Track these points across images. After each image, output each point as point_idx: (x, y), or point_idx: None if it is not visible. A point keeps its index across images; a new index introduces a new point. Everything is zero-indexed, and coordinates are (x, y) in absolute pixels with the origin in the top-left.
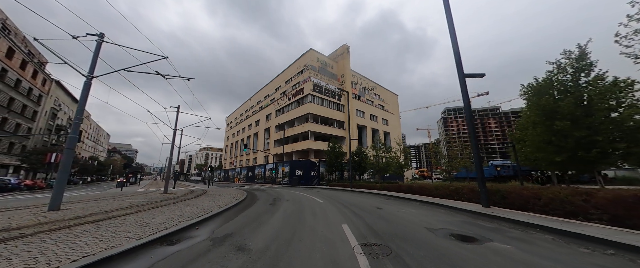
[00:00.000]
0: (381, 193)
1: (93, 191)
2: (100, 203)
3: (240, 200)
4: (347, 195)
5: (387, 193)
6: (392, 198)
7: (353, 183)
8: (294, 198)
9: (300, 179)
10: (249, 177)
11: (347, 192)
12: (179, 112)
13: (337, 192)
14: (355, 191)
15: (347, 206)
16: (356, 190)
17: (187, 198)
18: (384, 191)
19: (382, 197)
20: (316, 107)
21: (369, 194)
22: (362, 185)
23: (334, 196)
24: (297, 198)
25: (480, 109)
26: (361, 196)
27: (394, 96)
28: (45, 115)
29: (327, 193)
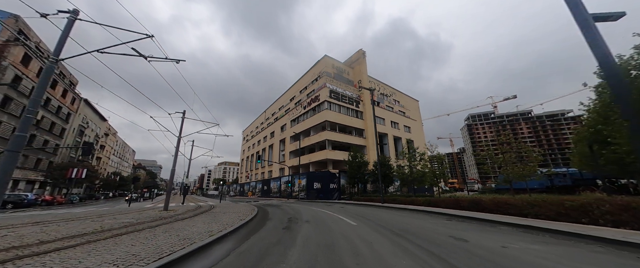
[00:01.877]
0: (429, 210)
1: (102, 207)
2: (65, 225)
3: (245, 221)
4: (384, 213)
5: (440, 212)
6: (456, 218)
7: (384, 198)
8: (315, 218)
9: (318, 193)
10: (264, 190)
11: (381, 208)
12: (184, 118)
13: (368, 208)
14: (390, 207)
15: (400, 234)
16: (391, 205)
17: (181, 217)
18: (432, 208)
19: (438, 217)
20: (333, 114)
21: (413, 212)
22: (397, 199)
23: (367, 215)
24: (320, 217)
25: (508, 114)
26: (406, 215)
27: (414, 102)
28: (72, 132)
29: (355, 210)
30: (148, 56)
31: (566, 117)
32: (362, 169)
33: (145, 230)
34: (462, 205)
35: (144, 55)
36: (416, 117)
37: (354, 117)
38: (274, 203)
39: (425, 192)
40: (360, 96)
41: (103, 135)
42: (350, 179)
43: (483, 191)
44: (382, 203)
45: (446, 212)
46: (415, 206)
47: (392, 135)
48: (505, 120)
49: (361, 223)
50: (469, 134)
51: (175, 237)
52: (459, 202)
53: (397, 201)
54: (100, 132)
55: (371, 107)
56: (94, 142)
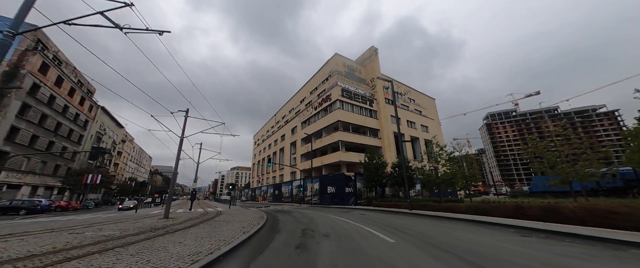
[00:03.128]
0: (482, 220)
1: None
2: (25, 241)
3: (247, 236)
4: (420, 223)
5: (501, 223)
6: (538, 233)
7: (412, 203)
8: (336, 231)
9: (333, 198)
10: (275, 195)
11: (410, 216)
12: (187, 117)
13: (394, 216)
14: (422, 215)
15: (481, 266)
16: (420, 213)
17: (175, 229)
18: (482, 216)
19: (506, 231)
20: (346, 113)
21: (459, 222)
22: (428, 205)
23: (399, 226)
24: (341, 229)
25: (532, 111)
26: (454, 227)
27: (430, 100)
28: (90, 139)
29: (380, 219)
30: (124, 26)
31: (598, 113)
32: (380, 171)
33: (109, 252)
34: (529, 213)
35: (119, 25)
36: (433, 116)
37: (368, 116)
38: (285, 209)
39: (448, 196)
40: (374, 95)
41: (120, 141)
42: (367, 182)
43: (514, 195)
44: (410, 209)
45: (511, 223)
46: (457, 214)
47: (408, 135)
48: (529, 118)
49: (401, 240)
50: (489, 133)
51: (142, 265)
52: (521, 209)
53: (429, 207)
54: (117, 138)
55: (386, 105)
56: (111, 148)
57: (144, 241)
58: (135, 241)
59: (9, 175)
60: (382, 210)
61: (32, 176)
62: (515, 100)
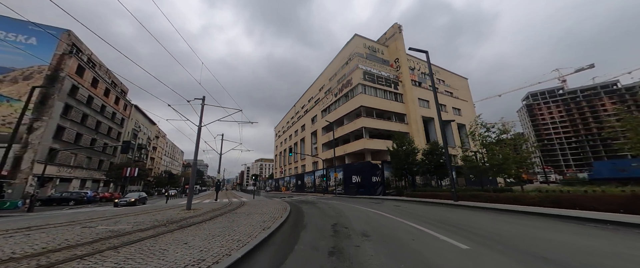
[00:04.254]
0: (557, 214)
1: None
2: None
3: (268, 233)
4: (488, 220)
5: (588, 217)
6: None
7: (457, 193)
8: (375, 229)
9: (358, 187)
10: (298, 185)
11: (464, 209)
12: (204, 105)
13: (442, 209)
14: (478, 208)
15: None
16: (475, 205)
17: (190, 223)
18: (559, 209)
19: (617, 233)
20: (369, 98)
21: (532, 217)
22: (479, 195)
23: (458, 222)
24: (383, 227)
25: (584, 88)
26: (536, 225)
27: (462, 80)
28: (127, 136)
29: (425, 212)
30: None
31: None
32: (411, 158)
33: (96, 255)
34: None
35: None
36: (466, 97)
37: (393, 100)
38: (309, 200)
39: (487, 185)
40: (399, 76)
41: (154, 137)
42: (396, 171)
43: (569, 182)
44: (456, 201)
45: (618, 220)
46: (524, 206)
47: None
48: (579, 96)
49: (478, 247)
50: (529, 115)
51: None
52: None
53: (481, 198)
54: (151, 135)
55: (412, 87)
56: (147, 144)
57: (148, 239)
58: (138, 239)
59: (60, 169)
60: (418, 201)
61: (80, 170)
62: (562, 77)
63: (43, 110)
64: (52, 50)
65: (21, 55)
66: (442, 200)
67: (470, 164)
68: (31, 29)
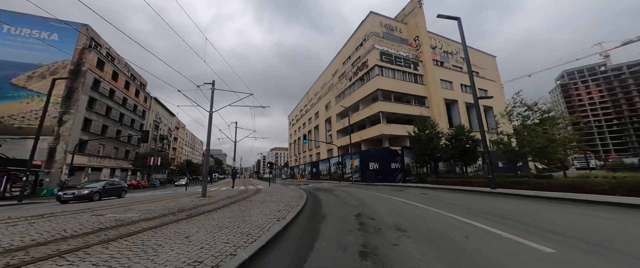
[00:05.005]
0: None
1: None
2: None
3: (284, 224)
4: (553, 211)
5: None
6: None
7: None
8: (413, 223)
9: (376, 174)
10: (314, 173)
11: (510, 198)
12: (214, 89)
13: (482, 198)
14: (525, 196)
15: None
16: (520, 193)
17: (199, 211)
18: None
19: None
20: (386, 80)
21: (604, 207)
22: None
23: (517, 215)
24: (419, 220)
25: (631, 63)
26: (624, 219)
27: (489, 58)
28: (149, 127)
29: (464, 201)
30: None
31: None
32: (434, 143)
33: (79, 252)
34: None
35: None
36: (494, 77)
37: (412, 82)
38: (325, 187)
39: (518, 172)
40: (419, 56)
41: (174, 128)
42: (418, 157)
43: (613, 168)
44: (493, 188)
45: None
46: (588, 195)
47: (462, 101)
48: (626, 72)
49: (565, 249)
50: (564, 96)
51: None
52: None
53: (524, 185)
54: (171, 126)
55: (434, 68)
56: (168, 134)
57: (149, 231)
58: (138, 230)
59: (90, 159)
60: (447, 188)
61: (109, 160)
62: (605, 51)
63: (70, 104)
64: (72, 45)
65: (46, 51)
66: (475, 187)
67: (505, 148)
68: (52, 25)
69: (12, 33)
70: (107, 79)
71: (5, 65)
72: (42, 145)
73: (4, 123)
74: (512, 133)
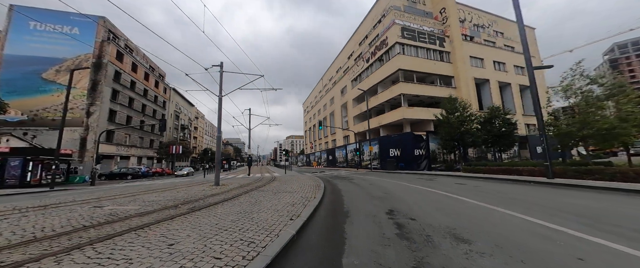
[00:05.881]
0: None
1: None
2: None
3: (299, 227)
4: None
5: None
6: None
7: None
8: (473, 228)
9: (397, 161)
10: (330, 160)
11: (580, 191)
12: (222, 72)
13: (535, 189)
14: (596, 188)
15: None
16: (584, 184)
17: (205, 204)
18: None
19: None
20: (408, 59)
21: None
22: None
23: (630, 220)
24: (477, 220)
25: None
26: None
27: (527, 31)
28: (170, 117)
29: (518, 194)
30: None
31: None
32: (467, 126)
33: (42, 260)
34: None
35: None
36: (532, 52)
37: (437, 60)
38: (342, 175)
39: (558, 158)
40: (445, 31)
41: (194, 118)
42: (445, 142)
43: None
44: (551, 178)
45: None
46: None
47: (495, 80)
48: None
49: None
50: (614, 72)
51: None
52: None
53: (595, 174)
54: (191, 116)
55: (462, 43)
56: (189, 124)
57: (133, 232)
58: (120, 232)
59: (119, 148)
60: (487, 178)
61: (136, 149)
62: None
63: (95, 96)
64: (92, 38)
65: (68, 46)
66: (523, 176)
67: (559, 130)
68: (72, 20)
69: (38, 29)
70: (127, 71)
71: (36, 60)
72: (74, 136)
73: (40, 115)
74: (560, 114)
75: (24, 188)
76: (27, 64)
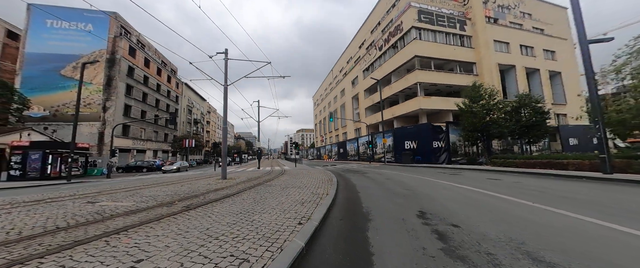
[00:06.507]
0: None
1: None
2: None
3: (308, 237)
4: None
5: None
6: None
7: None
8: (556, 244)
9: (413, 154)
10: (340, 153)
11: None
12: (227, 59)
13: (591, 185)
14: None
15: None
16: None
17: (205, 200)
18: None
19: None
20: (425, 45)
21: None
22: None
23: None
24: (564, 238)
25: None
26: None
27: (558, 11)
28: (183, 111)
29: (575, 192)
30: None
31: None
32: (491, 116)
33: None
34: None
35: None
36: (564, 34)
37: (457, 45)
38: (354, 168)
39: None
40: (467, 13)
41: (206, 112)
42: (468, 134)
43: None
44: (609, 173)
45: None
46: None
47: (522, 66)
48: None
49: None
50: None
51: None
52: None
53: None
54: (203, 110)
55: (486, 26)
56: (201, 118)
57: (108, 237)
58: (90, 238)
59: (135, 142)
60: (522, 172)
61: (151, 142)
62: None
63: (110, 91)
64: (106, 33)
65: (83, 42)
66: (569, 170)
67: (614, 117)
68: (86, 16)
69: (55, 27)
70: (139, 66)
71: (54, 58)
72: (92, 130)
73: (60, 111)
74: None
75: (44, 181)
76: (46, 62)
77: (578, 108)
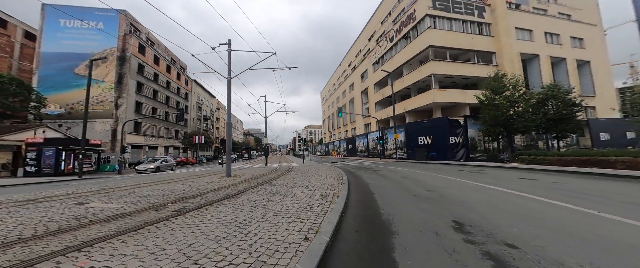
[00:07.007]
0: None
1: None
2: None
3: (322, 249)
4: None
5: None
6: None
7: None
8: None
9: (428, 150)
10: (349, 150)
11: None
12: (231, 51)
13: None
14: None
15: None
16: None
17: (204, 201)
18: None
19: None
20: (440, 34)
21: None
22: None
23: None
24: None
25: None
26: None
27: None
28: (193, 108)
29: (637, 197)
30: None
31: None
32: (516, 109)
33: None
34: None
35: None
36: (593, 20)
37: (475, 34)
38: (364, 165)
39: (627, 146)
40: (485, 0)
41: (215, 109)
42: (489, 128)
43: None
44: None
45: None
46: None
47: (546, 55)
48: None
49: None
50: None
51: None
52: None
53: None
54: (213, 107)
55: (507, 12)
56: (211, 115)
57: (65, 254)
58: (55, 252)
59: (146, 139)
60: (557, 171)
61: (162, 139)
62: None
63: (122, 89)
64: (116, 31)
65: (95, 41)
66: (617, 170)
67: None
68: (96, 15)
69: (68, 26)
70: (149, 63)
71: (68, 56)
72: (105, 127)
73: (75, 108)
74: None
75: (58, 177)
76: (61, 61)
77: (610, 100)
